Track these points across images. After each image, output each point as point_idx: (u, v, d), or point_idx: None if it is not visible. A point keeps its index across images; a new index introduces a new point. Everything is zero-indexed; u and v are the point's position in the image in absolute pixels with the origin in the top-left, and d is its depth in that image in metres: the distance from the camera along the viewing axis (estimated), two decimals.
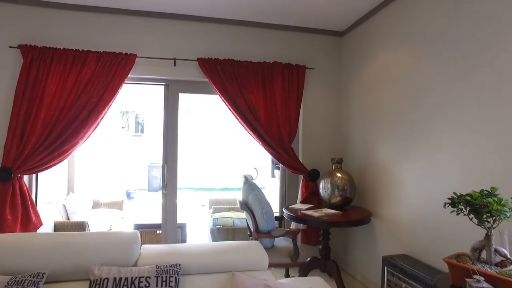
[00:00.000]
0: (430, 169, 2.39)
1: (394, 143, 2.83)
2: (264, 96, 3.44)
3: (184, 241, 4.53)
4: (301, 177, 3.60)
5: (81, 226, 3.81)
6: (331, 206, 3.08)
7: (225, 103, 3.36)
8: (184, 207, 6.05)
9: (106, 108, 3.11)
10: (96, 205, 5.40)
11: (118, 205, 5.47)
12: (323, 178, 3.18)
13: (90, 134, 3.12)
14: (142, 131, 18.19)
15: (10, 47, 2.95)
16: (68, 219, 4.44)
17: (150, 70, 3.29)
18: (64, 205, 4.47)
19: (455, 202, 1.46)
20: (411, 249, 2.57)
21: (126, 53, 3.13)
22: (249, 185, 2.77)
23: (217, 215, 4.03)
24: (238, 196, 2.96)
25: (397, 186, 2.76)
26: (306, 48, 3.67)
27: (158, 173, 11.97)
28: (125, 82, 3.18)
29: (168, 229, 3.45)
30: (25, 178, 3.09)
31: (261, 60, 3.47)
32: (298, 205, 3.23)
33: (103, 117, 3.13)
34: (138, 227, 4.43)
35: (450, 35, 2.25)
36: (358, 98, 3.43)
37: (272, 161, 7.03)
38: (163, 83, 3.43)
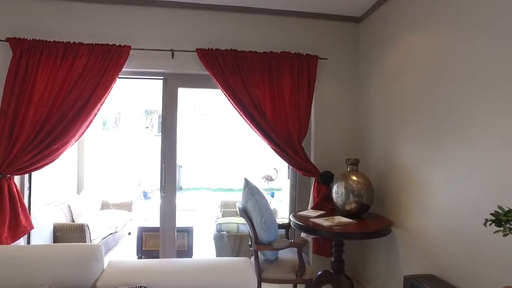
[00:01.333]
0: (468, 172, 1.96)
1: (422, 140, 2.40)
2: (271, 89, 3.10)
3: (190, 246, 4.27)
4: (313, 180, 3.23)
5: (80, 229, 3.64)
6: (346, 214, 2.69)
7: (227, 98, 3.06)
8: (195, 209, 5.80)
9: (99, 105, 2.89)
10: (105, 205, 5.27)
11: (127, 206, 5.31)
12: (337, 181, 2.80)
13: (83, 133, 2.92)
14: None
15: None
16: (73, 221, 4.31)
17: (147, 63, 3.05)
18: (68, 205, 4.34)
19: (501, 219, 1.06)
20: (440, 269, 2.14)
21: (120, 45, 2.90)
22: (249, 189, 2.45)
23: (221, 220, 3.73)
24: (239, 201, 2.64)
25: (425, 192, 2.33)
26: (318, 36, 3.29)
27: (177, 173, 11.92)
28: (120, 76, 2.95)
29: (167, 234, 3.19)
30: (18, 178, 2.94)
31: (267, 50, 3.13)
32: (308, 212, 2.86)
33: (96, 114, 2.92)
34: (143, 230, 4.22)
35: (488, 10, 1.82)
36: (379, 91, 3.02)
37: None
38: (161, 77, 3.18)
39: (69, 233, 3.63)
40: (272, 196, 10.75)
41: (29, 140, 2.74)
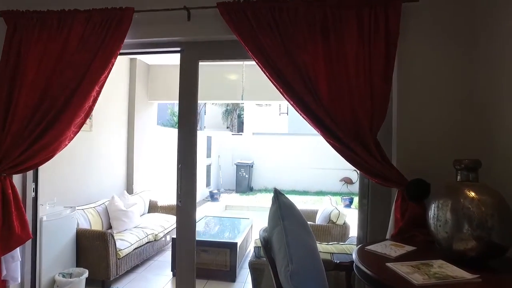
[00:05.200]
0: None
1: None
2: (327, 54, 2.06)
3: (233, 267, 3.47)
4: (395, 193, 2.07)
5: (102, 238, 3.13)
6: (455, 257, 1.50)
7: (261, 69, 2.13)
8: (250, 217, 4.98)
9: (97, 87, 2.25)
10: (153, 208, 4.84)
11: (174, 210, 4.77)
12: (437, 198, 1.62)
13: (81, 123, 2.32)
14: (242, 130, 18.29)
15: None
16: (110, 226, 3.90)
17: (157, 30, 2.32)
18: (106, 207, 3.95)
19: None
20: None
21: (121, 8, 2.22)
22: (279, 207, 1.47)
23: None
24: (263, 224, 1.69)
25: None
26: None
27: (246, 173, 11.35)
28: (123, 51, 2.29)
29: (183, 252, 2.40)
30: (19, 179, 2.51)
31: None
32: (384, 247, 1.73)
33: (95, 99, 2.30)
34: None
35: None
36: None
37: None
38: (177, 49, 2.41)
39: (91, 241, 3.17)
40: (351, 202, 9.36)
41: (19, 133, 2.26)
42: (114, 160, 4.61)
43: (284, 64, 2.06)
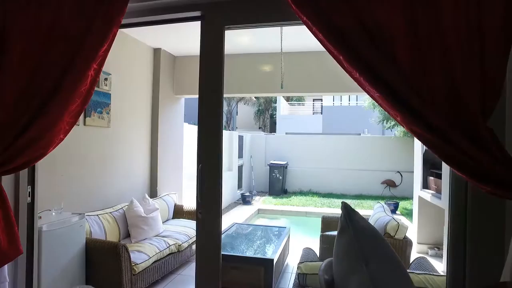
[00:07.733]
0: None
1: None
2: (407, 6, 1.40)
3: (267, 287, 2.86)
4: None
5: (114, 250, 2.65)
6: None
7: (311, 29, 1.51)
8: (286, 225, 4.34)
9: (94, 64, 1.75)
10: (178, 213, 4.36)
11: None
12: None
13: (77, 111, 1.83)
14: (275, 130, 17.73)
15: None
16: (129, 234, 3.45)
17: None
18: (124, 213, 3.50)
19: None
20: None
21: None
22: (355, 238, 0.84)
23: (307, 266, 2.08)
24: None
25: None
26: None
27: (280, 174, 10.71)
28: (125, 22, 1.78)
29: (205, 273, 1.84)
30: (11, 181, 2.08)
31: None
32: None
33: (94, 80, 1.80)
34: None
35: None
36: None
37: (425, 160, 4.43)
38: (197, 13, 1.85)
39: (102, 252, 2.70)
40: (396, 208, 8.43)
41: (3, 125, 1.81)
42: (135, 160, 4.18)
43: (346, 20, 1.43)
